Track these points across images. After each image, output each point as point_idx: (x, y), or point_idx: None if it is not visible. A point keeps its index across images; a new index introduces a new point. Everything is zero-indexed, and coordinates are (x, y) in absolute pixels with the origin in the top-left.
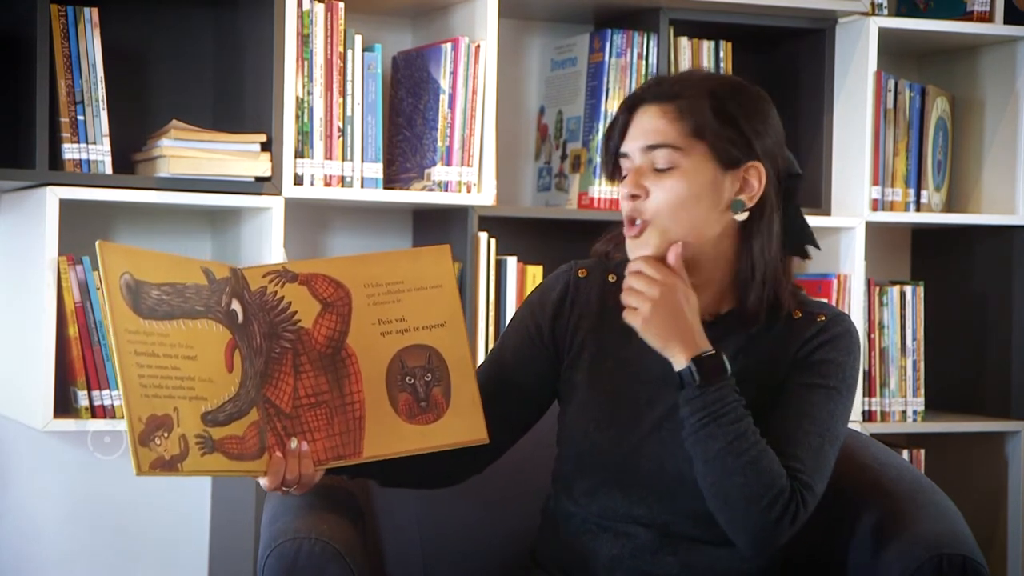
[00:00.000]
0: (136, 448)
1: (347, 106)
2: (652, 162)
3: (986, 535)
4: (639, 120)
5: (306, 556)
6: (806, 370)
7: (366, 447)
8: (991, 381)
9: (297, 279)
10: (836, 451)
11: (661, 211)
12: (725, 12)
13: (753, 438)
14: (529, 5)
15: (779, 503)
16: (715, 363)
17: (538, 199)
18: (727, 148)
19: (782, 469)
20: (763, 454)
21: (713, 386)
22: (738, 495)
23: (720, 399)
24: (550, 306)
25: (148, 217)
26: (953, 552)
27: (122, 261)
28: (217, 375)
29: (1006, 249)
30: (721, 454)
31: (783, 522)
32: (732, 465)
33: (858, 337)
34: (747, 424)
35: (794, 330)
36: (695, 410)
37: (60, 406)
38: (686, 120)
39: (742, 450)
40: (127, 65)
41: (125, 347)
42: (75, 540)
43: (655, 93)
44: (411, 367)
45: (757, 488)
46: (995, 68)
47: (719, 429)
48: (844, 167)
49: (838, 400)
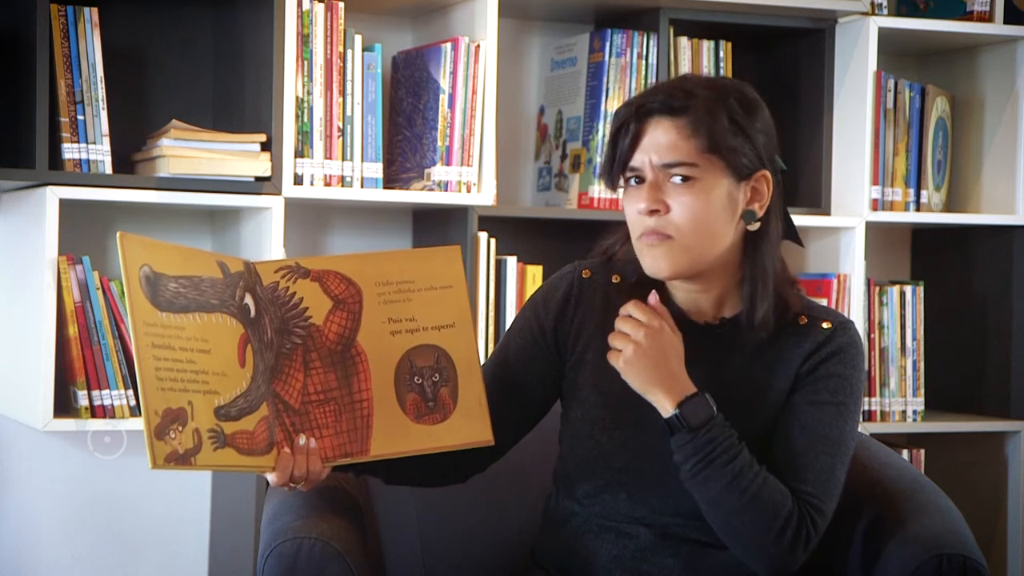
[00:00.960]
0: (152, 441)
1: (347, 106)
2: (668, 176)
3: (986, 535)
4: (652, 133)
5: (306, 556)
6: (814, 386)
7: (373, 446)
8: (991, 381)
9: (309, 275)
10: (846, 467)
11: (683, 229)
12: (725, 12)
13: (751, 474)
14: (529, 5)
15: (788, 530)
16: (700, 405)
17: (538, 199)
18: (740, 161)
19: (787, 496)
20: (764, 486)
21: (703, 429)
22: (747, 531)
23: (711, 440)
24: (554, 306)
25: (148, 217)
26: (953, 552)
27: (142, 253)
28: (230, 369)
29: (1006, 249)
30: (722, 495)
31: (797, 549)
32: (735, 504)
33: (863, 345)
34: (743, 460)
35: (800, 337)
36: (688, 455)
37: (60, 406)
38: (701, 136)
39: (743, 488)
40: (127, 65)
41: (143, 339)
42: (75, 540)
43: (666, 105)
44: (419, 367)
45: (764, 521)
46: (995, 68)
47: (716, 471)
48: (844, 167)
49: (847, 416)
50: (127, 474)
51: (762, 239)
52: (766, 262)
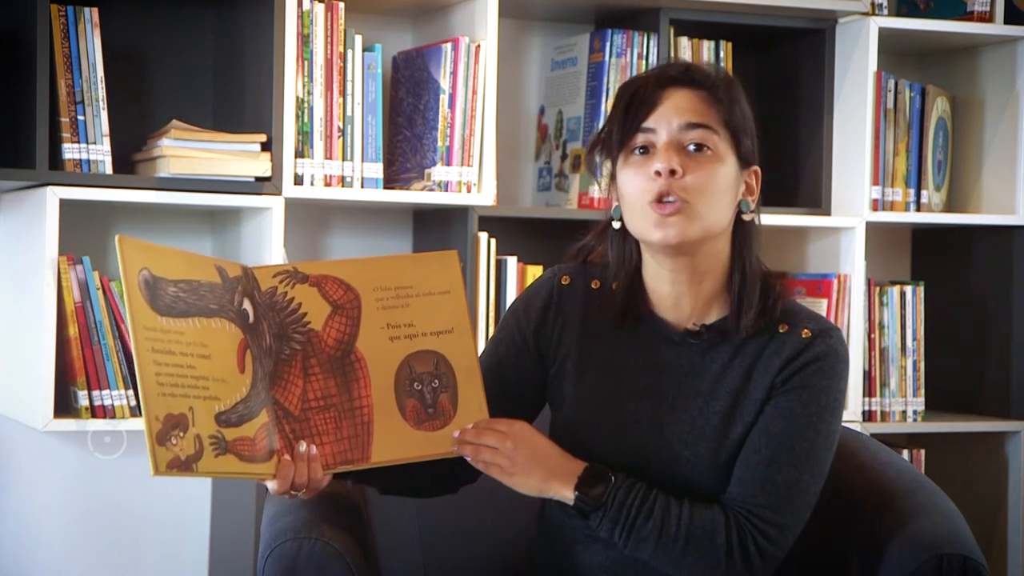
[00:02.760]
0: (154, 447)
1: (347, 106)
2: (684, 141)
3: (986, 535)
4: (673, 98)
5: (306, 556)
6: (787, 396)
7: (374, 452)
8: (991, 381)
9: (308, 280)
10: (819, 479)
11: (697, 193)
12: (725, 12)
13: (673, 518)
14: (529, 5)
15: (734, 552)
16: (594, 476)
17: (538, 199)
18: (746, 145)
19: (716, 518)
20: (692, 523)
21: (610, 499)
22: (698, 570)
23: (622, 505)
24: (534, 315)
25: (148, 217)
26: (953, 552)
27: (141, 257)
28: (230, 375)
29: (1006, 249)
30: (658, 551)
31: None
32: (675, 552)
33: (845, 353)
34: (659, 507)
35: (779, 345)
36: (610, 529)
37: (60, 406)
38: (721, 109)
39: (673, 536)
40: (127, 65)
41: (143, 344)
42: (75, 540)
43: (688, 77)
44: (419, 373)
45: (707, 554)
46: (995, 68)
47: (641, 532)
48: (844, 167)
49: (820, 427)
50: (127, 474)
51: (751, 235)
52: (752, 258)
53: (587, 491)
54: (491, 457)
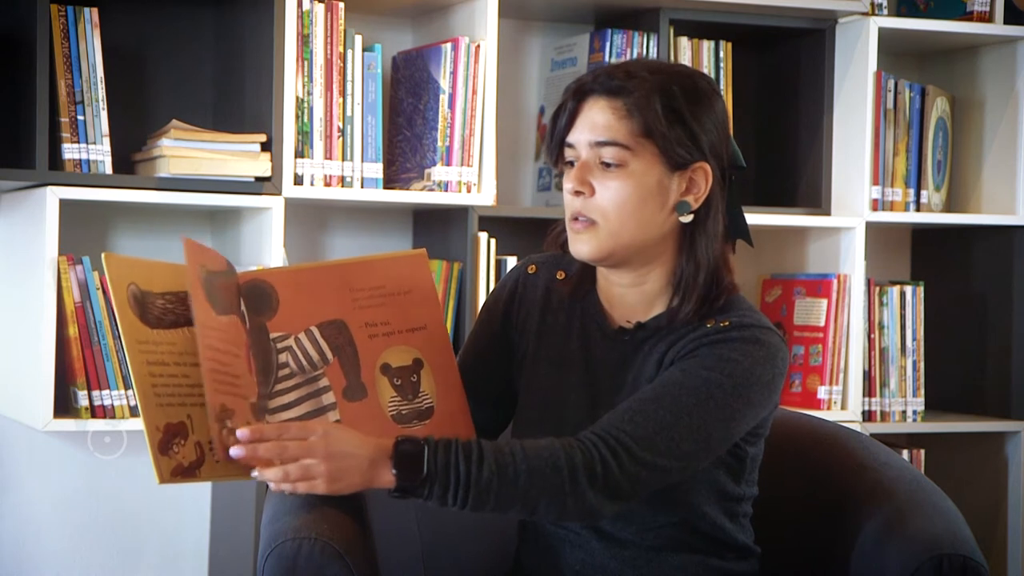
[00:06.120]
0: (157, 457)
1: (347, 106)
2: (599, 156)
3: (986, 535)
4: (588, 112)
5: (306, 556)
6: (688, 358)
7: None
8: (991, 381)
9: None
10: (697, 447)
11: (608, 213)
12: (725, 12)
13: (507, 458)
14: (529, 5)
15: (579, 473)
16: (407, 447)
17: (538, 199)
18: (675, 149)
19: (552, 444)
20: (528, 456)
21: (432, 464)
22: (547, 498)
23: (447, 465)
24: (501, 305)
25: (148, 217)
26: (953, 552)
27: (128, 272)
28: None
29: (1006, 249)
30: (502, 494)
31: (596, 487)
32: (517, 490)
33: (772, 349)
34: (491, 452)
35: (701, 333)
36: (442, 494)
37: (60, 406)
38: (635, 119)
39: (513, 474)
40: (127, 65)
41: (137, 357)
42: (75, 540)
43: (605, 86)
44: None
45: (550, 483)
46: (995, 68)
47: (480, 484)
48: (844, 167)
49: (715, 394)
50: (127, 474)
51: (699, 233)
52: (699, 255)
53: (404, 464)
54: (306, 472)
